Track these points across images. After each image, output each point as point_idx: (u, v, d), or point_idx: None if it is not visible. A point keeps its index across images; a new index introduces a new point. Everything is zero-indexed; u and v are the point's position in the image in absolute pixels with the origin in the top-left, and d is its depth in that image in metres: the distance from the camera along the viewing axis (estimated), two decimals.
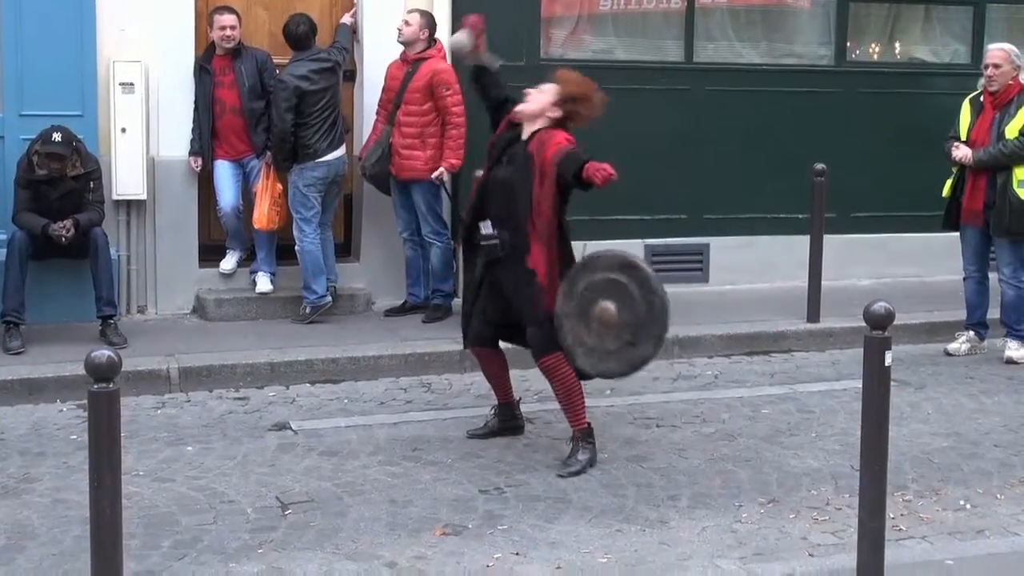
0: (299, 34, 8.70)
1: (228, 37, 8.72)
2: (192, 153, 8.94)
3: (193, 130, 8.93)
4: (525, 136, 6.22)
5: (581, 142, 6.19)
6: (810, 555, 5.20)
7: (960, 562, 5.07)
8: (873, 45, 10.99)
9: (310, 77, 8.60)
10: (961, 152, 8.25)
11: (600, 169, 5.76)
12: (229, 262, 9.10)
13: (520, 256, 6.12)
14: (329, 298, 8.80)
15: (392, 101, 8.83)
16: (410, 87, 8.71)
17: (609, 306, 5.94)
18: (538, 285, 6.09)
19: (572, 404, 6.25)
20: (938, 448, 6.57)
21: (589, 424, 6.31)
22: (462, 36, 6.74)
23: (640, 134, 9.77)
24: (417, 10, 8.90)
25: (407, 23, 8.78)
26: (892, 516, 5.37)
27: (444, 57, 8.83)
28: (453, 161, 8.69)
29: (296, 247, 8.77)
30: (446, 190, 8.97)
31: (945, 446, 6.61)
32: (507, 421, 6.69)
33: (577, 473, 6.12)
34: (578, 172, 5.84)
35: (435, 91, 8.62)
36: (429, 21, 8.83)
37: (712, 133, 10.08)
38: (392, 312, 9.07)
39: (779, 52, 10.61)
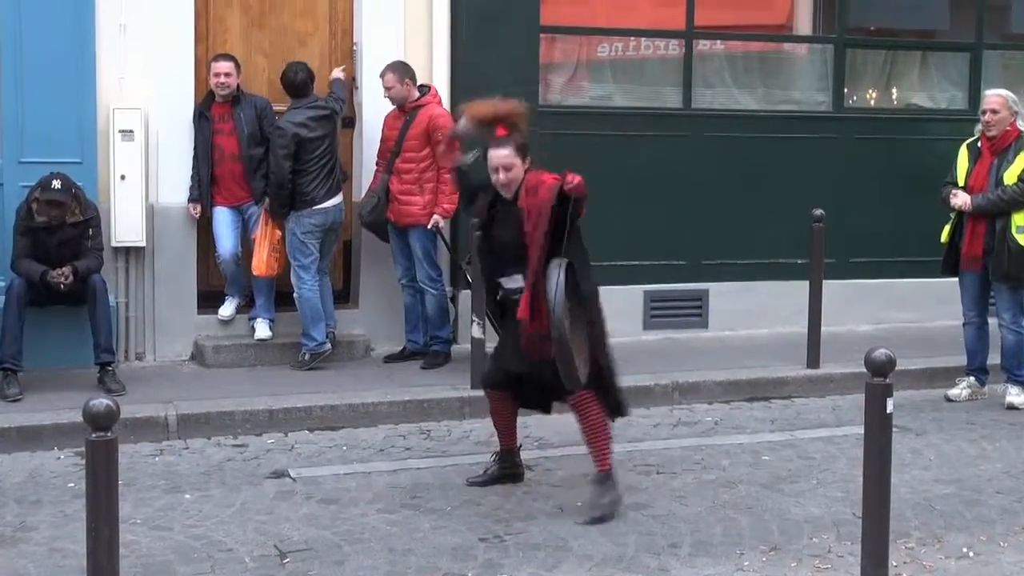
0: (297, 82, 8.74)
1: (223, 84, 8.75)
2: (191, 200, 8.96)
3: (192, 177, 8.94)
4: (509, 196, 6.25)
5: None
6: None
7: None
8: (870, 91, 11.05)
9: (308, 124, 8.63)
10: (960, 199, 8.26)
11: (572, 182, 5.86)
12: (228, 309, 9.09)
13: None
14: (328, 345, 8.79)
15: (391, 150, 8.86)
16: (408, 135, 8.75)
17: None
18: None
19: (599, 443, 6.22)
20: (940, 495, 6.53)
21: (611, 467, 6.27)
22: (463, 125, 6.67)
23: (638, 180, 9.81)
24: (388, 68, 8.85)
25: (387, 87, 8.81)
26: (895, 564, 5.33)
27: (440, 102, 8.87)
28: (447, 206, 8.70)
29: (295, 294, 8.78)
30: (442, 237, 8.98)
31: (947, 493, 6.57)
32: (508, 468, 6.65)
33: (602, 519, 6.07)
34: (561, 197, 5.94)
35: (431, 136, 8.65)
36: (404, 71, 8.83)
37: (710, 179, 10.10)
38: (391, 358, 9.06)
39: (777, 98, 10.66)
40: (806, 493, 6.57)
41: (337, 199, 8.82)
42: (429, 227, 8.74)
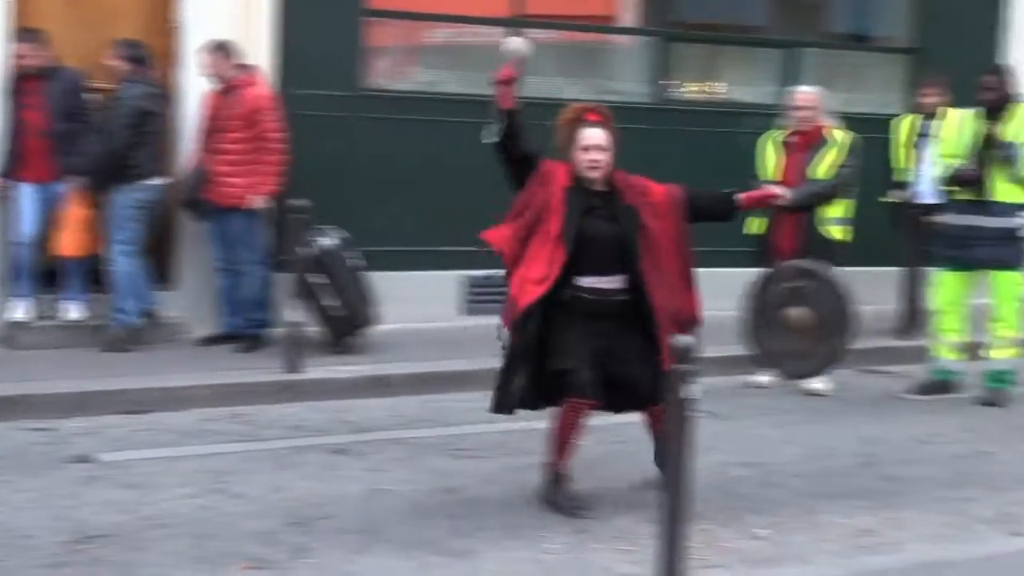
0: (141, 57, 8.65)
1: (22, 65, 8.57)
2: (1, 175, 8.67)
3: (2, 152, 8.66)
4: (600, 188, 6.06)
5: None
6: None
7: None
8: (691, 84, 11.27)
9: (149, 99, 8.57)
10: (774, 192, 8.36)
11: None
12: (20, 310, 8.74)
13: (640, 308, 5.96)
14: (139, 320, 8.61)
15: (210, 129, 8.73)
16: (231, 114, 8.63)
17: (800, 312, 5.98)
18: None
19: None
20: (739, 477, 6.72)
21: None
22: (523, 45, 6.29)
23: (462, 167, 9.82)
24: (206, 46, 8.79)
25: (206, 67, 8.75)
26: (694, 546, 5.45)
27: (263, 83, 8.77)
28: (270, 187, 8.60)
29: (112, 268, 8.59)
30: (266, 217, 8.87)
31: (746, 475, 6.76)
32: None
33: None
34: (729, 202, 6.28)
35: (255, 117, 8.55)
36: (223, 49, 8.75)
37: None
38: (206, 341, 8.94)
39: (600, 89, 10.79)
40: (615, 477, 6.67)
41: (164, 178, 8.69)
42: (253, 206, 8.63)
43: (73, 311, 8.81)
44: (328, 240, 8.74)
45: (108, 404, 7.59)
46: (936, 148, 8.75)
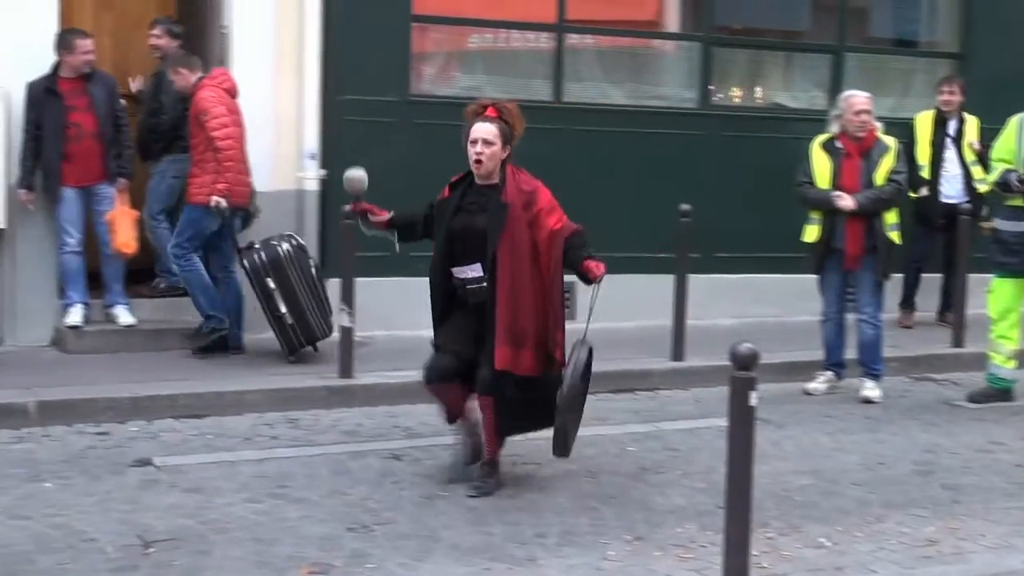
0: (180, 34, 9.11)
1: (90, 62, 8.65)
2: (24, 186, 8.61)
3: (27, 160, 8.59)
4: (483, 181, 6.28)
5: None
6: None
7: None
8: (736, 89, 11.26)
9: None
10: (847, 201, 8.27)
11: (599, 267, 6.22)
12: (77, 315, 8.78)
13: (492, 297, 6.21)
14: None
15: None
16: (189, 118, 8.69)
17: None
18: None
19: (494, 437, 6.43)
20: (799, 486, 6.70)
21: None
22: (359, 173, 6.57)
23: None
24: (169, 60, 8.95)
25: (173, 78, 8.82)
26: (755, 554, 5.44)
27: (215, 84, 8.63)
28: (219, 186, 8.46)
29: (179, 274, 8.75)
30: (224, 218, 8.62)
31: (805, 484, 6.74)
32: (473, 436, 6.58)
33: (488, 493, 6.33)
34: (576, 262, 6.21)
35: (200, 119, 8.50)
36: (177, 60, 8.80)
37: (579, 172, 10.18)
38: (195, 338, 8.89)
39: (645, 94, 10.81)
40: (670, 484, 6.68)
41: None
42: (212, 206, 8.47)
43: (123, 316, 8.87)
44: (285, 245, 8.55)
45: (164, 408, 7.64)
46: (991, 153, 8.69)
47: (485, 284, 6.24)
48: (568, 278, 9.78)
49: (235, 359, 8.66)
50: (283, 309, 8.44)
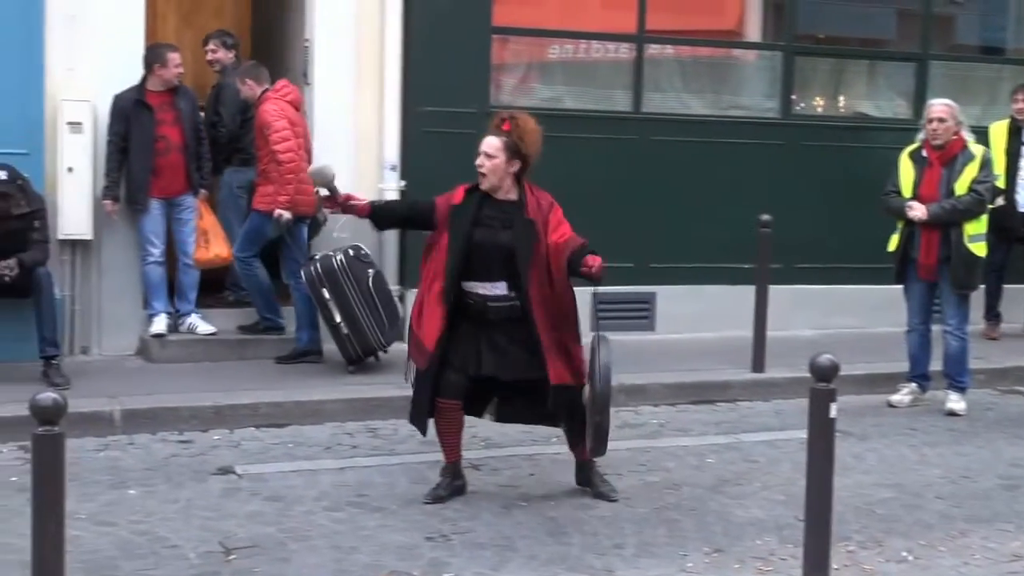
0: (237, 45, 9.32)
1: (180, 75, 8.84)
2: (109, 197, 8.74)
3: (112, 171, 8.72)
4: (503, 196, 6.26)
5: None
6: None
7: None
8: (818, 98, 11.16)
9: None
10: (918, 212, 8.19)
11: (595, 259, 6.05)
12: (161, 323, 8.90)
13: (527, 316, 6.18)
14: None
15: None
16: (255, 130, 8.87)
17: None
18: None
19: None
20: (881, 499, 6.61)
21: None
22: (325, 167, 6.60)
23: (587, 182, 9.84)
24: (238, 71, 9.08)
25: (239, 85, 8.96)
26: (836, 567, 5.38)
27: (278, 97, 8.75)
28: (280, 198, 8.57)
29: (240, 275, 9.01)
30: (285, 229, 8.79)
31: (888, 497, 6.66)
32: (459, 481, 6.54)
33: (614, 490, 6.50)
34: (575, 263, 6.09)
35: (264, 132, 8.64)
36: (245, 72, 8.89)
37: (659, 183, 10.17)
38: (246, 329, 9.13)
39: (725, 104, 10.75)
40: (750, 496, 6.63)
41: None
42: (275, 217, 8.61)
43: (201, 326, 8.99)
44: (340, 257, 8.59)
45: (246, 417, 7.72)
46: None
47: (515, 303, 6.19)
48: (649, 288, 9.84)
49: (315, 368, 8.72)
50: (338, 319, 8.51)
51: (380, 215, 6.56)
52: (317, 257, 8.62)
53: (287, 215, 8.58)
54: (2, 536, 5.70)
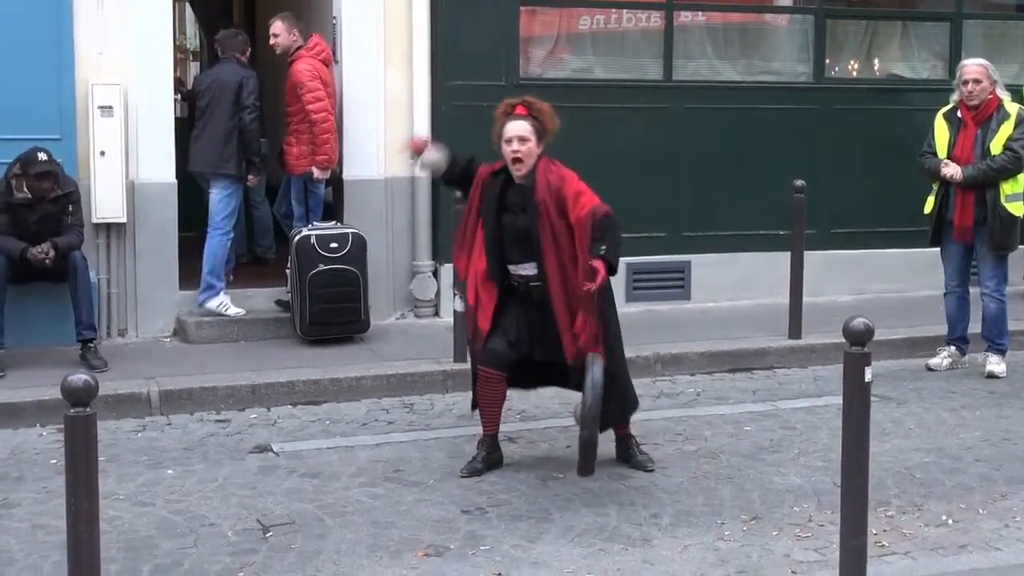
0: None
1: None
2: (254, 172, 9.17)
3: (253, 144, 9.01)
4: (521, 181, 6.24)
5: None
6: (793, 572, 5.19)
7: None
8: (851, 61, 11.04)
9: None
10: (952, 170, 8.14)
11: (599, 272, 5.95)
12: (226, 300, 9.03)
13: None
14: None
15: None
16: (286, 88, 8.95)
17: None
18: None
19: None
20: (920, 463, 6.57)
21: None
22: (435, 155, 6.61)
23: (619, 152, 9.80)
24: (278, 17, 9.15)
25: (274, 35, 9.06)
26: (875, 532, 5.36)
27: (314, 55, 8.90)
28: (320, 158, 8.79)
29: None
30: (317, 185, 9.14)
31: (927, 461, 6.61)
32: (495, 453, 6.55)
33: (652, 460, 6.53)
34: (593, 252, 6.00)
35: (297, 91, 8.77)
36: (293, 22, 9.08)
37: (691, 151, 10.11)
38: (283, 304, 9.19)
39: (757, 69, 10.65)
40: (787, 463, 6.60)
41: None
42: (315, 178, 8.94)
43: (235, 307, 9.01)
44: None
45: (282, 396, 7.75)
46: None
47: (541, 283, 6.21)
48: (684, 257, 9.78)
49: (351, 346, 8.73)
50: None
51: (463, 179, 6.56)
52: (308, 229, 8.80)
53: (326, 175, 8.88)
54: (42, 517, 5.75)
